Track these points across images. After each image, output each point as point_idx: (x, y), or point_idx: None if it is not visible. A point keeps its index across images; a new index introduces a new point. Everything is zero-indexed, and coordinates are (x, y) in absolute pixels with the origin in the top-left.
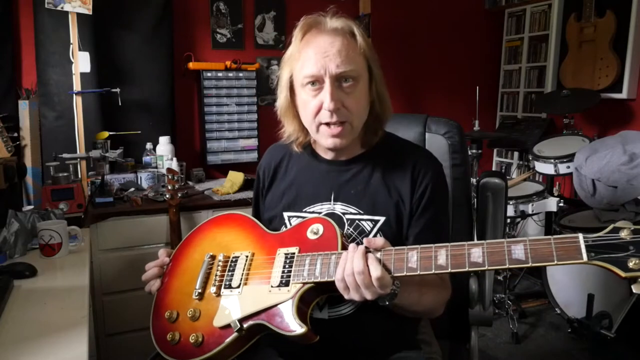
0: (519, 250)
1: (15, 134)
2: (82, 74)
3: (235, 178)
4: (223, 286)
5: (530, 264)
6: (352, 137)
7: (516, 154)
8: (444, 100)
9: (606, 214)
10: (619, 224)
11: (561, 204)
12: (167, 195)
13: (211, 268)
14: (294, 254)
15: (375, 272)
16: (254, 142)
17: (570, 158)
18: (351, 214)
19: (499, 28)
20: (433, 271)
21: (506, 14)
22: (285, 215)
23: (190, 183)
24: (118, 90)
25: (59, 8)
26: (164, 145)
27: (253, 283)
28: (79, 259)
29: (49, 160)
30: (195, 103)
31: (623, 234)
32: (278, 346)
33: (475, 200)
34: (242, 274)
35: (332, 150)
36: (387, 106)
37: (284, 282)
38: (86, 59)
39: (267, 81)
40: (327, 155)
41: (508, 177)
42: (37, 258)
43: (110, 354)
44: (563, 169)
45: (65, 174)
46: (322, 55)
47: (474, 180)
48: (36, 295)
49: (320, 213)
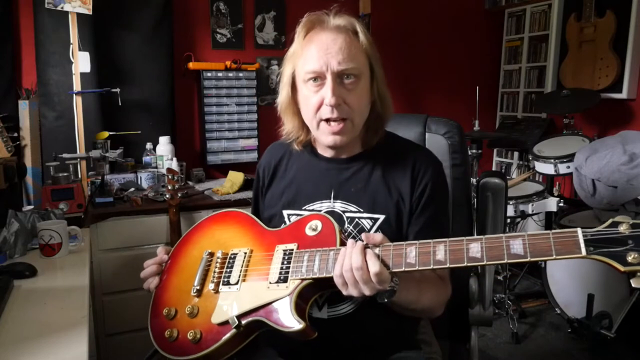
0: (517, 245)
1: (15, 134)
2: (82, 74)
3: (235, 178)
4: (221, 283)
5: (529, 258)
6: (353, 135)
7: (516, 154)
8: (444, 100)
9: (606, 214)
10: (617, 218)
11: (561, 204)
12: (167, 195)
13: (209, 265)
14: (292, 250)
15: (374, 268)
16: (254, 142)
17: (570, 158)
18: (351, 212)
19: (499, 28)
20: (432, 266)
21: (506, 14)
22: (285, 213)
23: (190, 183)
24: (118, 90)
25: (59, 8)
26: (164, 145)
27: (251, 279)
28: (79, 259)
29: (49, 160)
30: (195, 103)
31: (622, 228)
32: (278, 346)
33: (475, 200)
34: (241, 271)
35: (332, 148)
36: (389, 106)
37: (282, 279)
38: (86, 59)
39: (267, 81)
40: (327, 154)
41: (508, 177)
42: (37, 258)
43: (110, 354)
44: (563, 169)
45: (65, 174)
46: (325, 51)
47: (474, 180)
48: (36, 295)
49: (320, 211)
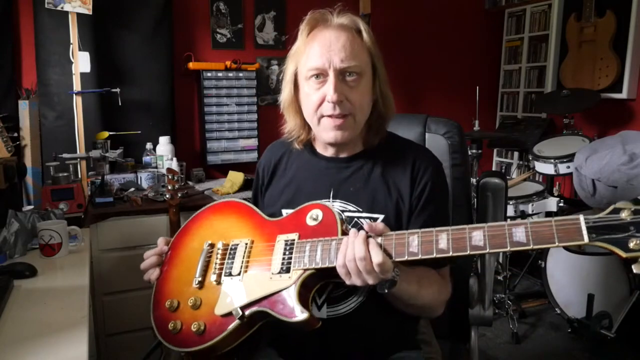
0: (520, 232)
1: (15, 134)
2: (82, 74)
3: (235, 178)
4: (223, 274)
5: (531, 246)
6: (354, 133)
7: (516, 154)
8: (444, 100)
9: None
10: (619, 204)
11: (561, 204)
12: (167, 195)
13: (210, 256)
14: (293, 240)
15: (377, 258)
16: (254, 142)
17: (570, 158)
18: (350, 211)
19: (499, 28)
20: (435, 255)
21: (506, 14)
22: (284, 212)
23: (190, 183)
24: (118, 90)
25: (59, 8)
26: (164, 145)
27: (253, 270)
28: (79, 259)
29: (49, 160)
30: (195, 103)
31: (623, 215)
32: (278, 346)
33: (475, 200)
34: (242, 262)
35: (333, 146)
36: (391, 105)
37: (285, 269)
38: (86, 59)
39: (267, 81)
40: (327, 153)
41: (508, 177)
42: (37, 258)
43: (110, 354)
44: (563, 169)
45: (65, 174)
46: (327, 49)
47: (474, 180)
48: (36, 295)
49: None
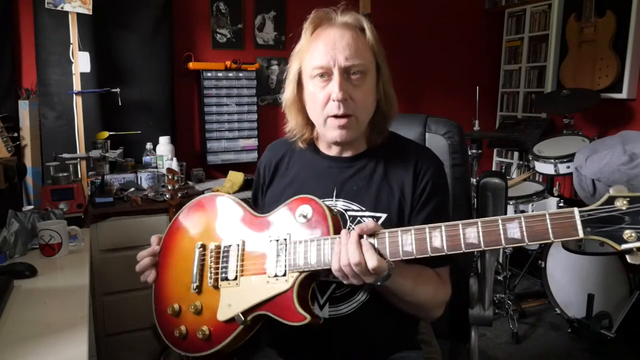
0: (514, 228)
1: (15, 134)
2: (82, 74)
3: (235, 178)
4: (220, 279)
5: (526, 242)
6: (358, 132)
7: (516, 154)
8: (444, 100)
9: None
10: (613, 192)
11: (561, 204)
12: (167, 195)
13: (204, 259)
14: (285, 240)
15: (371, 263)
16: (254, 142)
17: (570, 158)
18: (353, 210)
19: (499, 28)
20: (429, 254)
21: (506, 14)
22: None
23: (190, 183)
24: (118, 90)
25: (59, 8)
26: (164, 145)
27: (249, 274)
28: (79, 259)
29: (49, 160)
30: (195, 103)
31: (618, 204)
32: (278, 346)
33: (475, 200)
34: (237, 265)
35: (337, 145)
36: (394, 105)
37: (281, 272)
38: (86, 59)
39: (267, 81)
40: (331, 152)
41: (508, 177)
42: (37, 258)
43: (110, 354)
44: (563, 169)
45: (65, 174)
46: (332, 47)
47: (474, 180)
48: (36, 295)
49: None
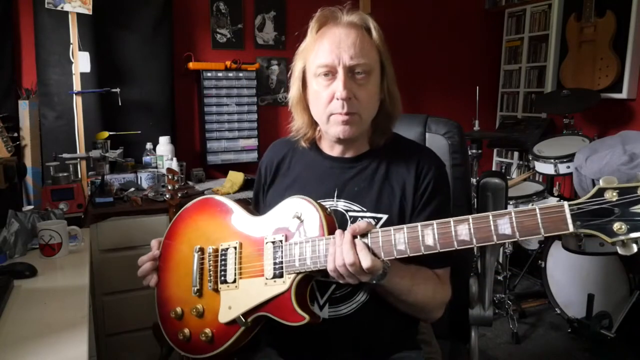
0: (505, 224)
1: (15, 134)
2: (82, 74)
3: (235, 178)
4: (219, 282)
5: (517, 238)
6: (360, 130)
7: (516, 154)
8: (444, 100)
9: None
10: (603, 183)
11: None
12: (167, 195)
13: (203, 262)
14: (281, 242)
15: (366, 262)
16: (254, 142)
17: (570, 158)
18: (354, 211)
19: (499, 28)
20: (422, 252)
21: (506, 14)
22: None
23: (190, 183)
24: (118, 90)
25: (59, 8)
26: (164, 145)
27: (247, 276)
28: (79, 259)
29: (49, 160)
30: (195, 103)
31: (608, 196)
32: (278, 346)
33: (475, 200)
34: (235, 268)
35: (340, 143)
36: (397, 105)
37: (278, 274)
38: (86, 59)
39: (267, 81)
40: (333, 152)
41: (508, 177)
42: (37, 258)
43: (110, 354)
44: (563, 169)
45: (65, 174)
46: (337, 46)
47: (474, 180)
48: (36, 295)
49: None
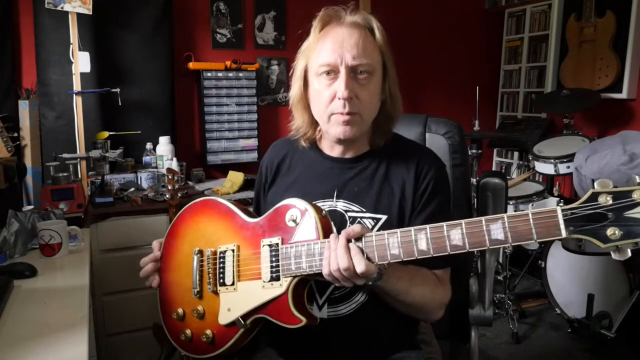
0: (497, 229)
1: (15, 134)
2: (82, 74)
3: (235, 178)
4: (218, 284)
5: (510, 243)
6: (361, 130)
7: (516, 154)
8: (444, 100)
9: None
10: (597, 186)
11: (561, 204)
12: (167, 195)
13: (202, 265)
14: (277, 245)
15: (360, 267)
16: (254, 142)
17: (570, 158)
18: (353, 211)
19: (499, 28)
20: (416, 256)
21: (506, 14)
22: None
23: (190, 183)
24: (118, 90)
25: (59, 8)
26: (164, 145)
27: (245, 279)
28: (79, 259)
29: (49, 160)
30: (195, 103)
31: (602, 200)
32: (278, 346)
33: (475, 200)
34: (233, 271)
35: (340, 143)
36: (398, 106)
37: (275, 277)
38: (86, 59)
39: (267, 81)
40: (333, 152)
41: (508, 177)
42: (37, 258)
43: (110, 354)
44: (563, 169)
45: (65, 174)
46: (340, 45)
47: (474, 180)
48: (36, 295)
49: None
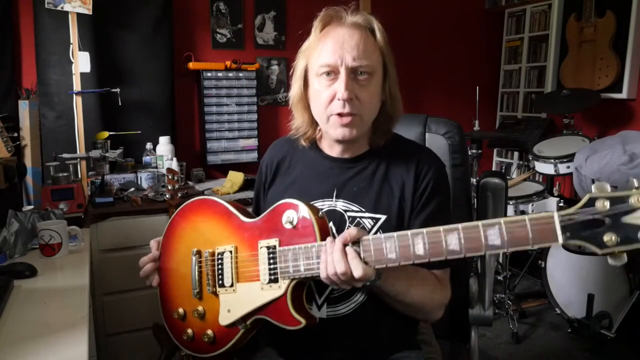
0: (494, 235)
1: (15, 134)
2: (82, 74)
3: (235, 178)
4: (217, 285)
5: (506, 248)
6: (361, 131)
7: (516, 154)
8: (444, 100)
9: None
10: (595, 191)
11: (561, 204)
12: (167, 195)
13: (200, 266)
14: (274, 247)
15: (357, 272)
16: (254, 142)
17: (570, 158)
18: (353, 211)
19: (499, 28)
20: (413, 261)
21: (506, 14)
22: None
23: (190, 183)
24: (118, 90)
25: (59, 8)
26: (164, 145)
27: (244, 280)
28: (79, 259)
29: (49, 160)
30: (195, 103)
31: (599, 206)
32: (278, 345)
33: (475, 200)
34: (232, 272)
35: (340, 143)
36: (399, 107)
37: (273, 279)
38: (86, 59)
39: (267, 81)
40: (332, 152)
41: (508, 177)
42: (37, 258)
43: (110, 354)
44: (563, 169)
45: (65, 174)
46: (340, 46)
47: (474, 180)
48: (36, 295)
49: (321, 210)
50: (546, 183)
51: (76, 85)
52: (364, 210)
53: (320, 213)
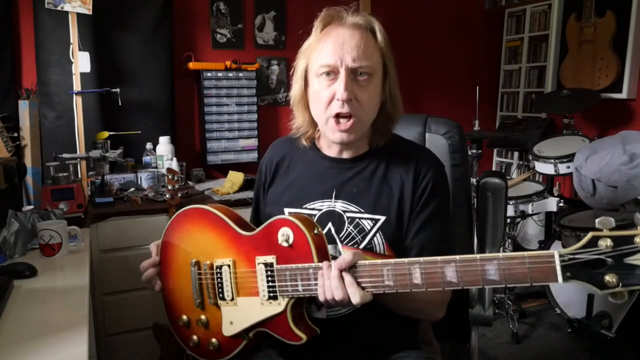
0: (492, 270)
1: (15, 134)
2: (82, 74)
3: (235, 178)
4: (218, 298)
5: (505, 285)
6: (360, 133)
7: (516, 154)
8: (444, 100)
9: (606, 214)
10: (598, 224)
11: (561, 204)
12: (167, 195)
13: (200, 277)
14: (272, 264)
15: (355, 299)
16: (254, 142)
17: (570, 158)
18: (352, 212)
19: (499, 28)
20: (409, 289)
21: (506, 14)
22: (286, 211)
23: (190, 183)
24: (118, 90)
25: (59, 8)
26: (164, 145)
27: (244, 294)
28: (79, 259)
29: (49, 160)
30: (195, 103)
31: (602, 244)
32: (278, 346)
33: (475, 200)
34: (231, 286)
35: (339, 144)
36: (398, 108)
37: (272, 296)
38: (86, 59)
39: (267, 81)
40: (332, 153)
41: (508, 177)
42: (37, 258)
43: (110, 354)
44: (563, 169)
45: (65, 174)
46: (340, 46)
47: (474, 180)
48: (36, 295)
49: (320, 210)
50: (546, 183)
51: (76, 85)
52: (363, 210)
53: (316, 230)
